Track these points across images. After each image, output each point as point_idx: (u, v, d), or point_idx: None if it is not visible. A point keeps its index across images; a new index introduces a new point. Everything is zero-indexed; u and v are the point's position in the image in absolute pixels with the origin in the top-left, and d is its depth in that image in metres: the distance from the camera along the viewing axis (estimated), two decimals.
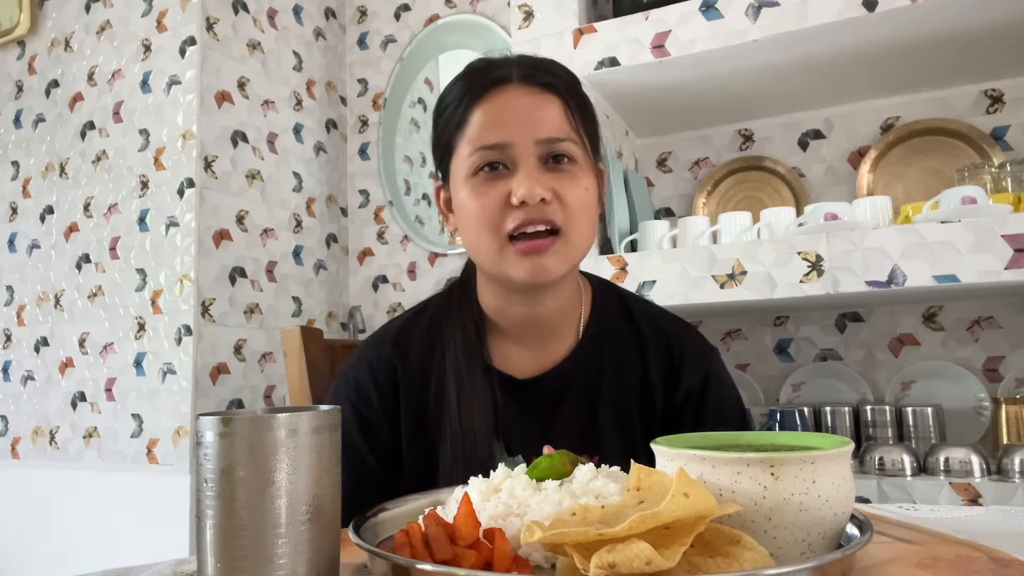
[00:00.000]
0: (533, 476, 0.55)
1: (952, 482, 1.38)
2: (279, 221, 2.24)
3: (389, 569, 0.43)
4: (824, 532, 0.44)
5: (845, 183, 1.89)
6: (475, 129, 0.82)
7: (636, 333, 0.93)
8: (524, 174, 0.79)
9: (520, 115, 0.81)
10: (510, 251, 0.81)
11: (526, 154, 0.80)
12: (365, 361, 0.93)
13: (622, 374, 0.90)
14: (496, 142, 0.81)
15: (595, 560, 0.37)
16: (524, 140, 0.80)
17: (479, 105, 0.83)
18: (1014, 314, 1.68)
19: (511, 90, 0.83)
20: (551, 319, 0.90)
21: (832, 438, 0.49)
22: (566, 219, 0.81)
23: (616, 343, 0.92)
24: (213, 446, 0.42)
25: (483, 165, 0.81)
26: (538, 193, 0.78)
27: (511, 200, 0.79)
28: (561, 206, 0.80)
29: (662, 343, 0.92)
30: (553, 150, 0.81)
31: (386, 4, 2.54)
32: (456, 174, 0.85)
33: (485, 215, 0.81)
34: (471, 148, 0.82)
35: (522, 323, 0.89)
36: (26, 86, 2.36)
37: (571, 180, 0.82)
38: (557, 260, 0.81)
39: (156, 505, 1.88)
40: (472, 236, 0.84)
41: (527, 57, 0.87)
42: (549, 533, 0.40)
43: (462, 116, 0.84)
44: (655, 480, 0.46)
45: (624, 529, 0.38)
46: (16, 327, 2.27)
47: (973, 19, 1.48)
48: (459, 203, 0.85)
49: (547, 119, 0.82)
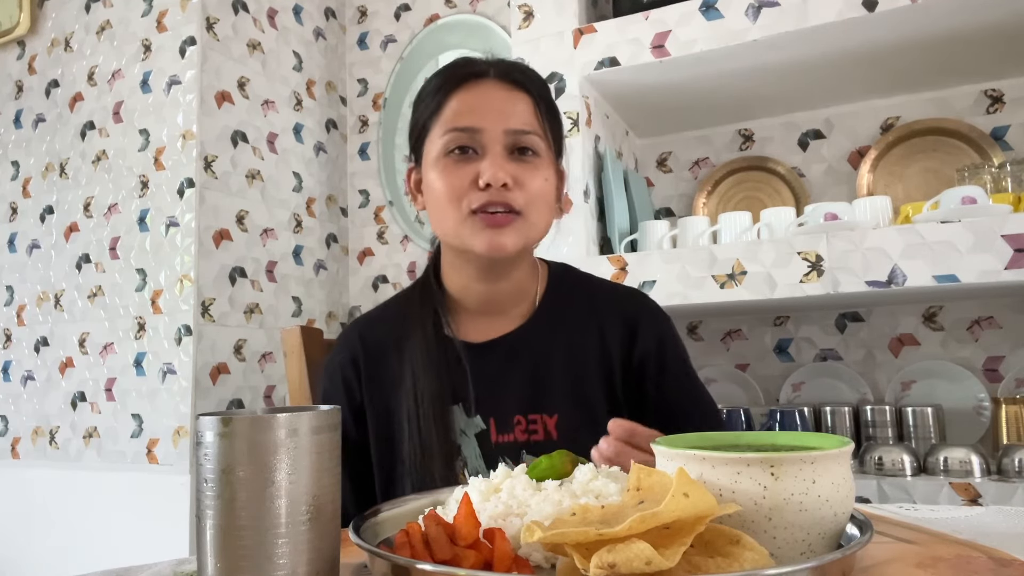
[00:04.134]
0: (533, 476, 0.55)
1: (952, 482, 1.38)
2: (279, 221, 2.24)
3: (389, 569, 0.43)
4: (824, 532, 0.44)
5: (845, 183, 1.89)
6: (450, 113, 0.90)
7: (591, 302, 0.99)
8: (490, 160, 0.87)
9: (493, 105, 0.89)
10: (472, 222, 0.88)
11: (494, 141, 0.88)
12: (339, 346, 1.02)
13: (577, 339, 0.96)
14: (468, 125, 0.88)
15: (595, 560, 0.37)
16: (494, 128, 0.88)
17: (455, 94, 0.90)
18: (1014, 314, 1.68)
19: (486, 83, 0.91)
20: (509, 294, 0.97)
21: (832, 438, 0.49)
22: (525, 204, 0.88)
23: (571, 312, 0.98)
24: (213, 446, 0.42)
25: (454, 147, 0.88)
26: (501, 177, 0.86)
27: (477, 182, 0.87)
28: (522, 192, 0.88)
29: (617, 309, 0.98)
30: (519, 141, 0.89)
31: (386, 4, 2.54)
32: (428, 155, 0.92)
33: (452, 192, 0.88)
34: (444, 129, 0.89)
35: (481, 299, 0.97)
36: (26, 86, 2.36)
37: (533, 170, 0.89)
38: (514, 237, 0.88)
39: (156, 505, 1.88)
40: (439, 211, 0.91)
41: (503, 59, 0.95)
42: (549, 533, 0.40)
43: (439, 102, 0.91)
44: (655, 480, 0.46)
45: (624, 529, 0.38)
46: (16, 327, 2.27)
47: (973, 19, 1.48)
48: (429, 182, 0.92)
49: (517, 112, 0.90)
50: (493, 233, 0.87)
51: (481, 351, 0.96)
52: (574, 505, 0.45)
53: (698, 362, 1.97)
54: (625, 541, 0.38)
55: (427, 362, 0.93)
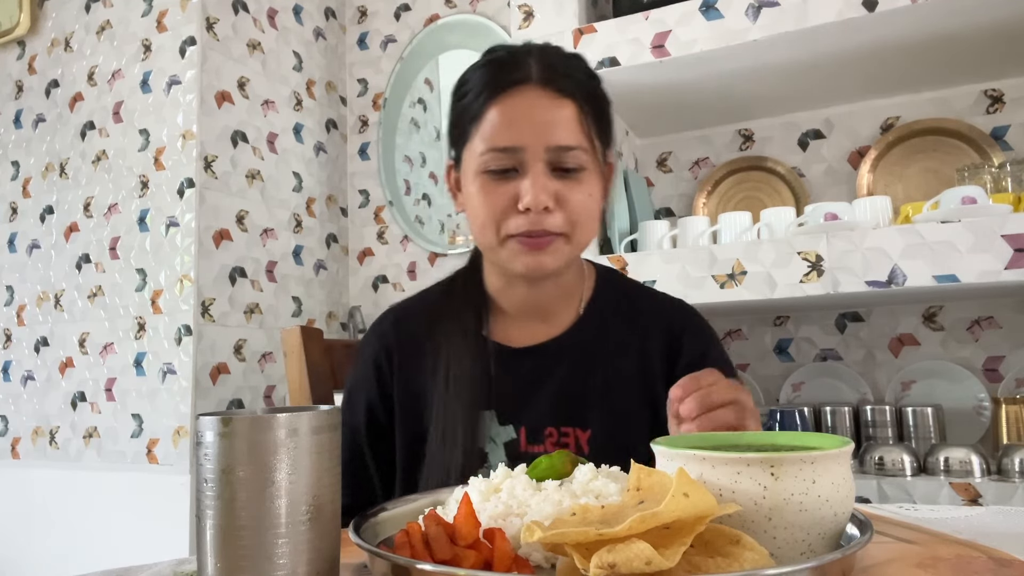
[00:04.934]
0: (533, 476, 0.55)
1: (952, 482, 1.38)
2: (279, 221, 2.24)
3: (389, 569, 0.43)
4: (824, 532, 0.44)
5: (845, 183, 1.89)
6: (489, 127, 0.84)
7: (636, 312, 0.95)
8: (532, 180, 0.82)
9: (534, 119, 0.83)
10: (510, 245, 0.85)
11: (536, 159, 0.82)
12: (370, 336, 1.00)
13: (619, 349, 0.92)
14: (508, 145, 0.83)
15: (595, 560, 0.37)
16: (535, 145, 0.82)
17: (495, 103, 0.84)
18: (1014, 314, 1.68)
19: (528, 92, 0.84)
20: (551, 301, 0.93)
21: (832, 438, 0.49)
22: (568, 225, 0.84)
23: (615, 321, 0.94)
24: (213, 446, 0.42)
25: (493, 167, 0.84)
26: (543, 201, 0.81)
27: (517, 204, 0.82)
28: (563, 212, 0.83)
29: (663, 321, 0.94)
30: (562, 159, 0.83)
31: (386, 4, 2.54)
32: (467, 163, 0.87)
33: (491, 214, 0.84)
34: (484, 146, 0.84)
35: (523, 304, 0.93)
36: (26, 86, 2.36)
37: (576, 187, 0.84)
38: (555, 257, 0.85)
39: (156, 505, 1.88)
40: (477, 228, 0.87)
41: (548, 54, 0.87)
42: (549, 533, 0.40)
43: (479, 110, 0.85)
44: (655, 480, 0.46)
45: (624, 529, 0.38)
46: (16, 327, 2.27)
47: (973, 19, 1.48)
48: (468, 193, 0.88)
49: (560, 126, 0.83)
50: (532, 256, 0.84)
51: (519, 356, 0.92)
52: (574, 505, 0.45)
53: None
54: (625, 541, 0.38)
55: (462, 364, 0.89)
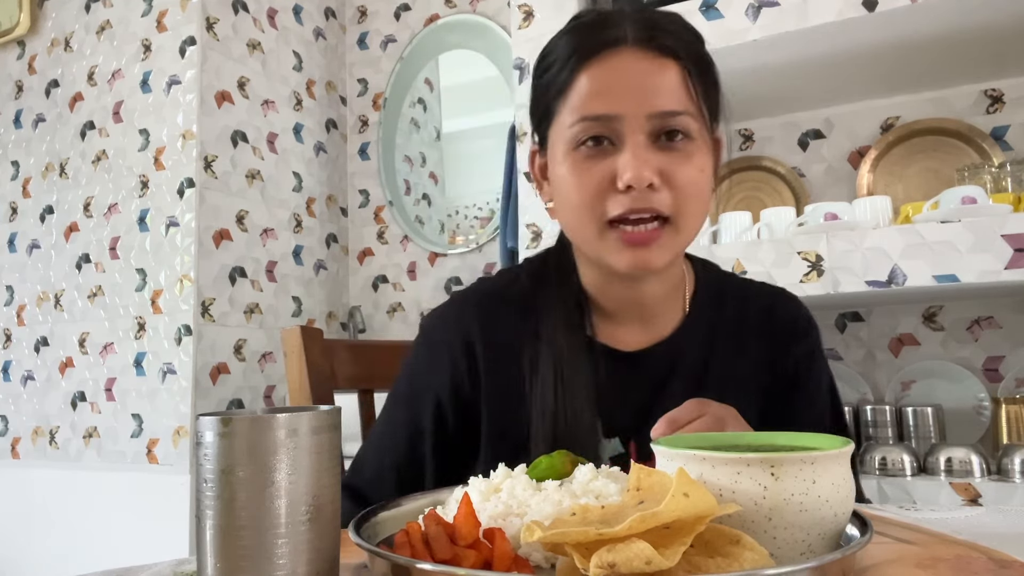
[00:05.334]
0: (533, 476, 0.55)
1: (952, 482, 1.38)
2: (279, 221, 2.24)
3: (389, 569, 0.43)
4: (824, 532, 0.44)
5: (845, 183, 1.89)
6: (580, 96, 0.73)
7: (744, 307, 0.86)
8: (632, 153, 0.71)
9: (632, 84, 0.72)
10: (611, 237, 0.73)
11: (635, 129, 0.71)
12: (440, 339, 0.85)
13: (733, 355, 0.83)
14: (602, 113, 0.72)
15: (595, 560, 0.37)
16: (635, 113, 0.71)
17: (586, 69, 0.74)
18: (1014, 314, 1.68)
19: (624, 54, 0.73)
20: (655, 301, 0.82)
21: (833, 438, 0.49)
22: (676, 206, 0.72)
23: (725, 321, 0.85)
24: (213, 446, 0.42)
25: (586, 138, 0.73)
26: (646, 177, 0.70)
27: (616, 182, 0.71)
28: (671, 191, 0.72)
29: (772, 316, 0.86)
30: (667, 125, 0.72)
31: (386, 4, 2.54)
32: (555, 143, 0.77)
33: (586, 196, 0.73)
34: (574, 117, 0.73)
35: (623, 303, 0.82)
36: (26, 86, 2.36)
37: (685, 160, 0.73)
38: (662, 252, 0.73)
39: (156, 505, 1.88)
40: (570, 216, 0.76)
41: (645, 12, 0.77)
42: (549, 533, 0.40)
43: (566, 80, 0.75)
44: (655, 480, 0.45)
45: (624, 529, 0.38)
46: (16, 327, 2.27)
47: (973, 19, 1.48)
48: (556, 176, 0.77)
49: (663, 89, 0.72)
50: (637, 252, 0.72)
51: (631, 362, 0.82)
52: (574, 505, 0.45)
53: None
54: (625, 541, 0.38)
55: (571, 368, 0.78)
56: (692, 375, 0.82)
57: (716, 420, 0.62)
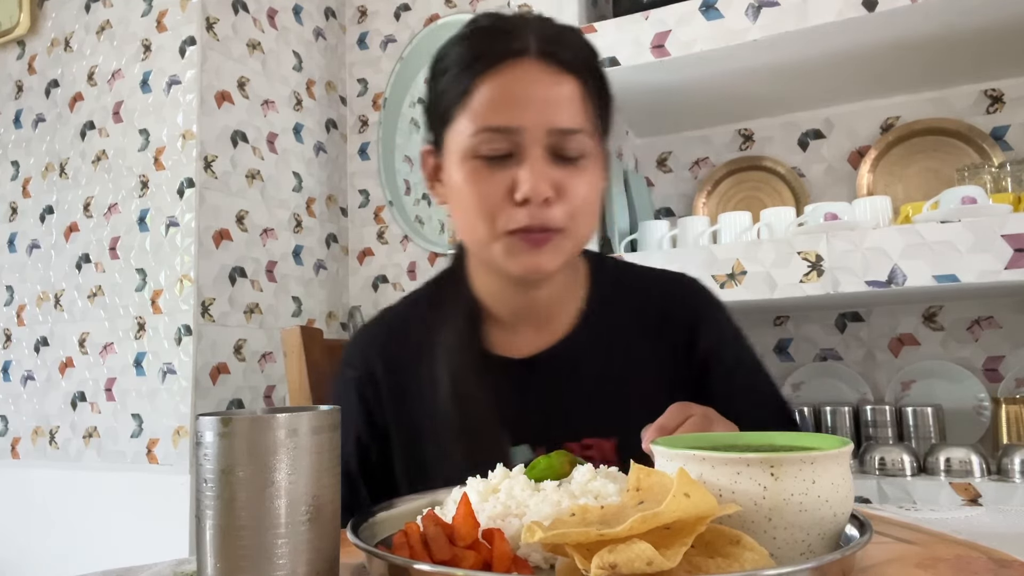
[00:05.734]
0: (531, 477, 0.55)
1: (952, 482, 1.38)
2: (279, 221, 2.24)
3: (386, 569, 0.43)
4: (824, 532, 0.44)
5: (845, 183, 1.89)
6: (482, 105, 0.73)
7: (641, 299, 0.87)
8: (530, 167, 0.72)
9: (534, 97, 0.73)
10: (507, 243, 0.75)
11: (535, 143, 0.72)
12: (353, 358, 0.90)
13: (633, 346, 0.84)
14: (504, 125, 0.72)
15: (596, 561, 0.37)
16: (536, 127, 0.72)
17: (488, 78, 0.74)
18: (1014, 314, 1.68)
19: (527, 65, 0.74)
20: (550, 304, 0.84)
21: (832, 438, 0.49)
22: (568, 218, 0.75)
23: (622, 314, 0.85)
24: (213, 446, 0.42)
25: (485, 149, 0.74)
26: (543, 191, 0.72)
27: (513, 193, 0.73)
28: (564, 204, 0.74)
29: (671, 303, 0.86)
30: (564, 142, 0.74)
31: (386, 4, 2.54)
32: (452, 148, 0.77)
33: (483, 206, 0.74)
34: (475, 126, 0.74)
35: (519, 309, 0.84)
36: (26, 86, 2.36)
37: (579, 175, 0.75)
38: (554, 256, 0.76)
39: (156, 505, 1.88)
40: (465, 221, 0.77)
41: (546, 23, 0.78)
42: (550, 534, 0.40)
43: (468, 85, 0.75)
44: (655, 480, 0.46)
45: (625, 529, 0.38)
46: (16, 327, 2.27)
47: (973, 19, 1.48)
48: (452, 181, 0.78)
49: (563, 106, 0.73)
50: (531, 255, 0.74)
51: (526, 369, 0.83)
52: (573, 505, 0.45)
53: None
54: (626, 541, 0.38)
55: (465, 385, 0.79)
56: (592, 373, 0.83)
57: (703, 419, 0.63)
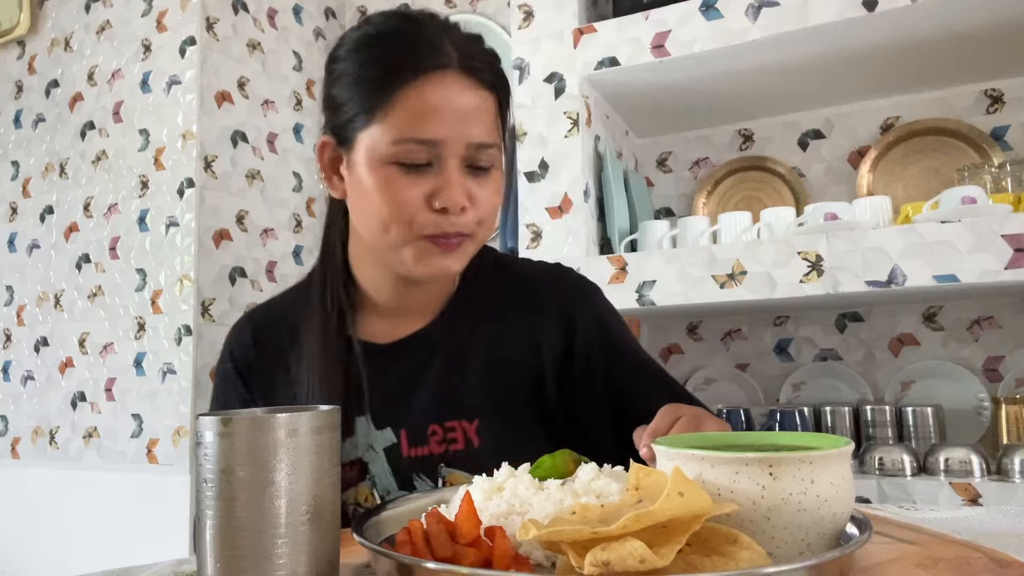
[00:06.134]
0: (536, 475, 0.56)
1: (952, 482, 1.38)
2: (279, 221, 2.24)
3: (393, 567, 0.44)
4: (823, 532, 0.44)
5: (845, 183, 1.89)
6: (404, 115, 0.75)
7: (513, 288, 0.90)
8: (447, 178, 0.76)
9: (456, 110, 0.76)
10: (419, 246, 0.78)
11: (453, 154, 0.76)
12: (227, 350, 0.93)
13: (498, 332, 0.87)
14: (427, 138, 0.75)
15: (589, 558, 0.38)
16: (456, 140, 0.76)
17: (411, 87, 0.75)
18: (1014, 314, 1.68)
19: (450, 79, 0.77)
20: (427, 291, 0.88)
21: (832, 438, 0.49)
22: (478, 224, 0.80)
23: (489, 302, 0.89)
24: (213, 446, 0.42)
25: (406, 159, 0.75)
26: (460, 201, 0.76)
27: (429, 201, 0.76)
28: (475, 212, 0.79)
29: (544, 294, 0.89)
30: (478, 156, 0.78)
31: (386, 4, 2.54)
32: (363, 150, 0.77)
33: (397, 211, 0.76)
34: (395, 135, 0.75)
35: (395, 298, 0.87)
36: (26, 86, 2.36)
37: (488, 184, 0.80)
38: (461, 259, 0.81)
39: (156, 505, 1.88)
40: (374, 223, 0.78)
41: (462, 37, 0.81)
42: (544, 531, 0.40)
43: (389, 94, 0.75)
44: (653, 480, 0.46)
45: (618, 528, 0.38)
46: (16, 327, 2.27)
47: (973, 19, 1.48)
48: (362, 182, 0.78)
49: (481, 121, 0.78)
50: (441, 258, 0.78)
51: (388, 353, 0.86)
52: (575, 504, 0.45)
53: (698, 362, 1.98)
54: (619, 539, 0.38)
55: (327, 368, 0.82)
56: (451, 359, 0.85)
57: (693, 419, 0.64)
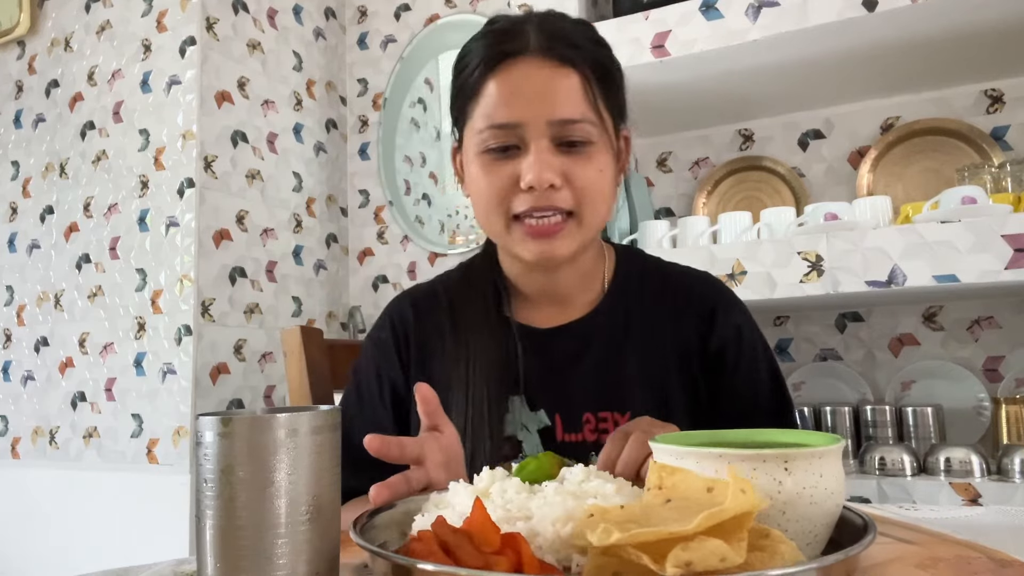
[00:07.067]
0: (524, 478, 0.55)
1: (952, 482, 1.38)
2: (279, 221, 2.24)
3: (389, 569, 0.43)
4: (828, 524, 0.46)
5: (845, 183, 1.89)
6: (488, 103, 0.79)
7: (664, 287, 0.91)
8: (534, 157, 0.77)
9: (533, 92, 0.78)
10: (518, 231, 0.80)
11: (538, 134, 0.77)
12: (386, 318, 0.95)
13: (651, 328, 0.88)
14: (506, 121, 0.78)
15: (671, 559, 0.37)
16: (536, 120, 0.77)
17: (493, 76, 0.79)
18: (1014, 314, 1.68)
19: (526, 63, 0.79)
20: (573, 282, 0.89)
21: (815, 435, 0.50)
22: (578, 203, 0.79)
23: (643, 300, 0.90)
24: (213, 446, 0.42)
25: (493, 145, 0.79)
26: (547, 179, 0.76)
27: (520, 183, 0.78)
28: (572, 190, 0.78)
29: (692, 295, 0.90)
30: (567, 133, 0.78)
31: (386, 4, 2.54)
32: (468, 144, 0.83)
33: (493, 195, 0.79)
34: (483, 123, 0.80)
35: (542, 286, 0.89)
36: (26, 86, 2.36)
37: (585, 162, 0.79)
38: (567, 242, 0.80)
39: (156, 505, 1.88)
40: (481, 212, 0.83)
41: (548, 21, 0.82)
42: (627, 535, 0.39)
43: (476, 85, 0.81)
44: (679, 478, 0.45)
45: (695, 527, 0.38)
46: (16, 327, 2.27)
47: (973, 19, 1.48)
48: (469, 175, 0.84)
49: (562, 97, 0.78)
50: (541, 243, 0.79)
51: (547, 338, 0.88)
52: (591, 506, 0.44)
53: None
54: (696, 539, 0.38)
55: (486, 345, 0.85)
56: (606, 352, 0.87)
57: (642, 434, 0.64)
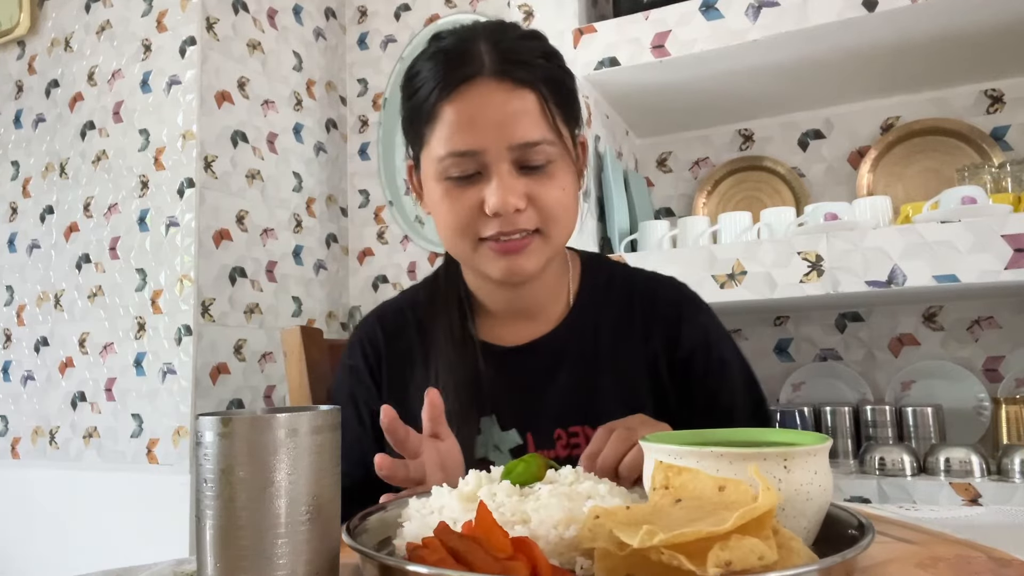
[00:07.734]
0: (513, 481, 0.55)
1: (952, 482, 1.38)
2: (279, 221, 2.24)
3: (379, 570, 0.43)
4: (820, 519, 0.47)
5: (845, 183, 1.89)
6: (445, 130, 0.77)
7: (630, 296, 0.90)
8: (497, 183, 0.75)
9: (492, 118, 0.75)
10: (484, 249, 0.79)
11: (499, 159, 0.76)
12: (357, 343, 0.94)
13: (620, 341, 0.87)
14: (467, 149, 0.76)
15: (712, 559, 0.37)
16: (496, 145, 0.75)
17: (448, 103, 0.76)
18: (1014, 314, 1.68)
19: (482, 87, 0.76)
20: (536, 299, 0.88)
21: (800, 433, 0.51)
22: (543, 221, 0.78)
23: (610, 310, 0.89)
24: (213, 446, 0.42)
25: (455, 172, 0.77)
26: (512, 204, 0.75)
27: (484, 208, 0.76)
28: (536, 210, 0.77)
29: (657, 302, 0.89)
30: (527, 156, 0.76)
31: (386, 4, 2.54)
32: (427, 169, 0.81)
33: (459, 223, 0.78)
34: (442, 150, 0.77)
35: (507, 302, 0.88)
36: (26, 86, 2.36)
37: (548, 181, 0.78)
38: (534, 258, 0.79)
39: (156, 505, 1.87)
40: (447, 236, 0.81)
41: (498, 37, 0.79)
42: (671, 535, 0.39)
43: (432, 111, 0.78)
44: (687, 478, 0.45)
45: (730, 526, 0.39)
46: (16, 327, 2.26)
47: (973, 19, 1.48)
48: (430, 199, 0.82)
49: (521, 121, 0.76)
50: (509, 259, 0.78)
51: (515, 356, 0.86)
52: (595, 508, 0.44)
53: None
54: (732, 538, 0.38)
55: (453, 366, 0.83)
56: (579, 364, 0.86)
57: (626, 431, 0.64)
